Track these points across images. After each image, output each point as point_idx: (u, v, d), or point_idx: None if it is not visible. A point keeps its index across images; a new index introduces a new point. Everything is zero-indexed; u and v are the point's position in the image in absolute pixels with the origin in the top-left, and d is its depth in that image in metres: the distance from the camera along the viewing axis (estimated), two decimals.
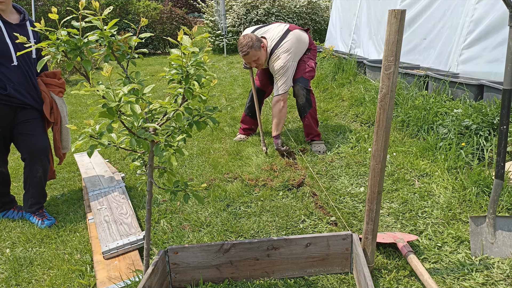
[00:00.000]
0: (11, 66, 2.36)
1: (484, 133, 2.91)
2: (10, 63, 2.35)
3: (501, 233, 1.97)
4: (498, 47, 3.83)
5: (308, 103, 3.46)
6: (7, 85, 2.35)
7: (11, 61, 2.35)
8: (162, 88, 6.90)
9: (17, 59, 2.38)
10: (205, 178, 3.06)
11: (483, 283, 1.78)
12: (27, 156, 2.51)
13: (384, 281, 1.82)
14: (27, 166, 2.54)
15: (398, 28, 1.45)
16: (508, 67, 1.82)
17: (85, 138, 1.41)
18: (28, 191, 2.59)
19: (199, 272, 1.85)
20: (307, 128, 3.57)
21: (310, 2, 11.74)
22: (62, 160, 2.83)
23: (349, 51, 7.18)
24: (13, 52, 2.35)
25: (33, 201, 2.59)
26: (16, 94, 2.39)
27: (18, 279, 2.03)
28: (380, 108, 1.57)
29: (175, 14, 13.68)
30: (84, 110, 5.83)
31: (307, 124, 3.55)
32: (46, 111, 2.54)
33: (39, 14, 10.89)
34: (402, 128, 3.73)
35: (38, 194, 2.60)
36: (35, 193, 2.58)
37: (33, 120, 2.52)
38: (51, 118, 2.59)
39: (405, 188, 2.68)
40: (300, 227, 2.31)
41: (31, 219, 2.60)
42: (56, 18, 1.42)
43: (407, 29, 5.30)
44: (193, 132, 1.78)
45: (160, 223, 2.44)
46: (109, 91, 1.34)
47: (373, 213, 1.72)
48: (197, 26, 1.55)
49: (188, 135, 1.57)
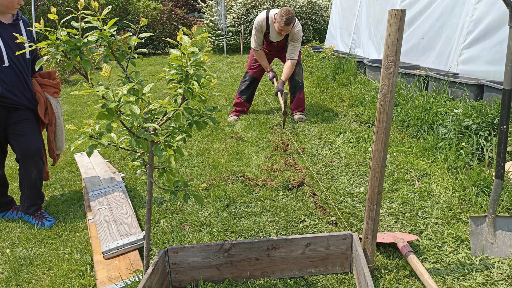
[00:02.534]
0: (2, 67, 2.32)
1: (484, 133, 2.91)
2: (2, 63, 2.32)
3: (501, 233, 1.97)
4: (498, 47, 3.83)
5: (302, 82, 4.39)
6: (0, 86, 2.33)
7: (2, 61, 2.31)
8: (162, 88, 6.90)
9: (9, 59, 2.33)
10: (205, 178, 3.06)
11: (483, 283, 1.78)
12: (20, 157, 2.49)
13: (384, 281, 1.81)
14: (21, 167, 2.52)
15: (398, 28, 1.45)
16: (508, 67, 1.82)
17: (85, 138, 1.41)
18: (24, 193, 2.58)
19: (199, 272, 1.85)
20: (299, 101, 4.38)
21: (310, 2, 11.74)
22: (56, 161, 2.81)
23: (349, 51, 7.18)
24: (5, 53, 2.31)
25: (29, 202, 2.58)
26: (9, 95, 2.37)
27: (18, 279, 2.03)
28: (380, 108, 1.57)
29: (175, 14, 13.69)
30: (84, 110, 5.83)
31: (300, 98, 4.38)
32: (40, 112, 2.52)
33: (39, 14, 10.89)
34: (402, 128, 3.73)
35: (34, 196, 2.58)
36: (31, 195, 2.57)
37: (26, 121, 2.49)
38: (46, 119, 2.56)
39: (405, 188, 2.68)
40: (300, 227, 2.31)
41: (31, 220, 2.59)
42: (56, 18, 1.42)
43: (407, 29, 5.30)
44: (193, 132, 1.78)
45: (160, 223, 2.44)
46: (108, 91, 1.34)
47: (373, 213, 1.72)
48: (196, 26, 1.55)
49: (188, 135, 1.57)
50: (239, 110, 4.62)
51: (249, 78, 4.49)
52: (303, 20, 11.73)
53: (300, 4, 11.46)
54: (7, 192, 2.70)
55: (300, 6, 11.48)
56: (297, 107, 4.40)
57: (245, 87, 4.54)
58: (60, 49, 1.44)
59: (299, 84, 4.35)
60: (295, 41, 4.08)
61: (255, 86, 4.60)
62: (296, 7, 11.42)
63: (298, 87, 4.35)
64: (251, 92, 4.59)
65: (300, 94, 4.37)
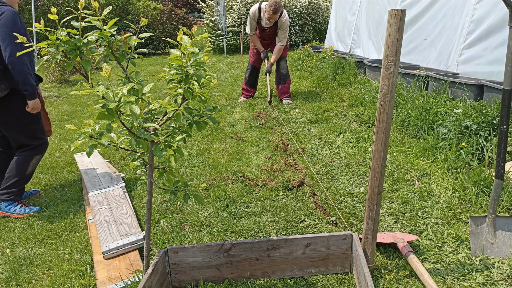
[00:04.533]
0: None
1: (484, 133, 2.91)
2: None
3: (501, 233, 1.97)
4: (498, 47, 3.83)
5: (288, 73, 5.35)
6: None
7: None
8: (162, 88, 6.90)
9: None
10: (205, 178, 3.06)
11: (483, 283, 1.78)
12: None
13: (384, 281, 1.81)
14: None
15: (398, 28, 1.45)
16: (508, 67, 1.82)
17: (85, 138, 1.41)
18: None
19: (199, 272, 1.85)
20: (284, 89, 5.34)
21: (311, 3, 11.75)
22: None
23: (349, 51, 7.18)
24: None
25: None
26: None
27: (18, 279, 2.03)
28: (380, 108, 1.57)
29: (175, 14, 13.69)
30: (84, 110, 5.83)
31: (285, 86, 5.33)
32: None
33: (39, 14, 10.90)
34: (402, 128, 3.73)
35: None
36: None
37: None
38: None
39: (405, 188, 2.68)
40: (300, 227, 2.31)
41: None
42: (56, 18, 1.42)
43: (407, 29, 5.30)
44: (193, 132, 1.78)
45: (160, 223, 2.44)
46: (108, 91, 1.34)
47: (373, 213, 1.72)
48: (196, 26, 1.55)
49: (188, 135, 1.57)
50: (247, 94, 5.59)
51: (250, 67, 5.45)
52: (303, 20, 11.73)
53: (300, 4, 11.46)
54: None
55: (300, 7, 11.48)
56: (283, 93, 5.37)
57: (248, 75, 5.51)
58: (60, 49, 1.44)
59: (283, 75, 5.32)
60: (283, 29, 5.02)
61: (256, 74, 5.52)
62: (296, 7, 11.42)
63: (283, 78, 5.32)
64: (254, 80, 5.53)
65: (285, 83, 5.33)
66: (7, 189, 2.68)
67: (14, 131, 2.67)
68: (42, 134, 2.82)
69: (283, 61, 5.30)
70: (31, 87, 2.51)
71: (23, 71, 2.44)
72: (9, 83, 2.50)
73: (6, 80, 2.48)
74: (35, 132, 2.76)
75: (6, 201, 2.69)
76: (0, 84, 2.45)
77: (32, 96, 2.55)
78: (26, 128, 2.70)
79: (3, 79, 2.46)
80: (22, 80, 2.46)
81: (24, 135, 2.71)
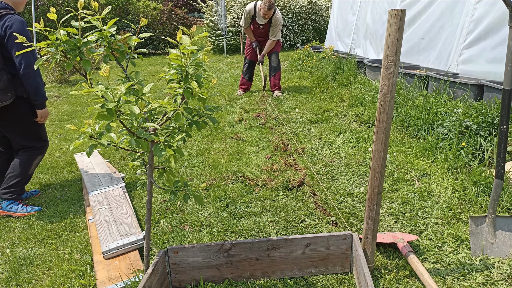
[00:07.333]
0: None
1: (484, 133, 2.91)
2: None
3: (501, 233, 1.97)
4: (498, 47, 3.82)
5: (278, 66, 5.82)
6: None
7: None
8: (162, 88, 6.90)
9: None
10: (205, 178, 3.06)
11: (483, 283, 1.78)
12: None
13: (384, 281, 1.81)
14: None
15: (398, 28, 1.44)
16: (508, 67, 1.82)
17: (85, 138, 1.41)
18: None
19: (199, 272, 1.85)
20: (275, 80, 5.82)
21: (310, 2, 11.74)
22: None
23: (349, 51, 7.17)
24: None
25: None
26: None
27: (18, 279, 2.03)
28: (380, 108, 1.57)
29: (175, 14, 13.69)
30: (84, 110, 5.83)
31: (276, 78, 5.81)
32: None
33: (39, 14, 10.90)
34: (402, 128, 3.73)
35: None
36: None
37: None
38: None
39: (405, 188, 2.68)
40: (300, 227, 2.31)
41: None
42: (55, 18, 1.42)
43: (407, 29, 5.30)
44: (193, 132, 1.78)
45: (160, 223, 2.44)
46: (107, 91, 1.33)
47: (373, 213, 1.72)
48: (196, 26, 1.55)
49: (187, 134, 1.57)
50: (244, 87, 6.05)
51: (247, 61, 5.93)
52: (303, 20, 11.73)
53: (300, 4, 11.45)
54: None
55: (300, 6, 11.47)
56: (274, 85, 5.86)
57: (245, 69, 5.96)
58: (60, 49, 1.44)
59: (274, 68, 5.81)
60: (276, 25, 5.53)
61: (252, 68, 5.98)
62: (296, 7, 11.42)
63: (274, 70, 5.82)
64: (250, 73, 6.00)
65: (275, 76, 5.82)
66: (9, 188, 2.69)
67: (19, 134, 2.68)
68: (45, 136, 2.84)
69: (274, 55, 5.82)
70: (42, 97, 2.54)
71: (36, 82, 2.48)
72: (15, 91, 2.51)
73: (13, 88, 2.49)
74: (40, 135, 2.78)
75: (7, 200, 2.69)
76: (7, 93, 2.45)
77: (42, 105, 2.57)
78: (31, 131, 2.71)
79: (10, 87, 2.47)
80: (34, 90, 2.49)
81: (29, 138, 2.72)
